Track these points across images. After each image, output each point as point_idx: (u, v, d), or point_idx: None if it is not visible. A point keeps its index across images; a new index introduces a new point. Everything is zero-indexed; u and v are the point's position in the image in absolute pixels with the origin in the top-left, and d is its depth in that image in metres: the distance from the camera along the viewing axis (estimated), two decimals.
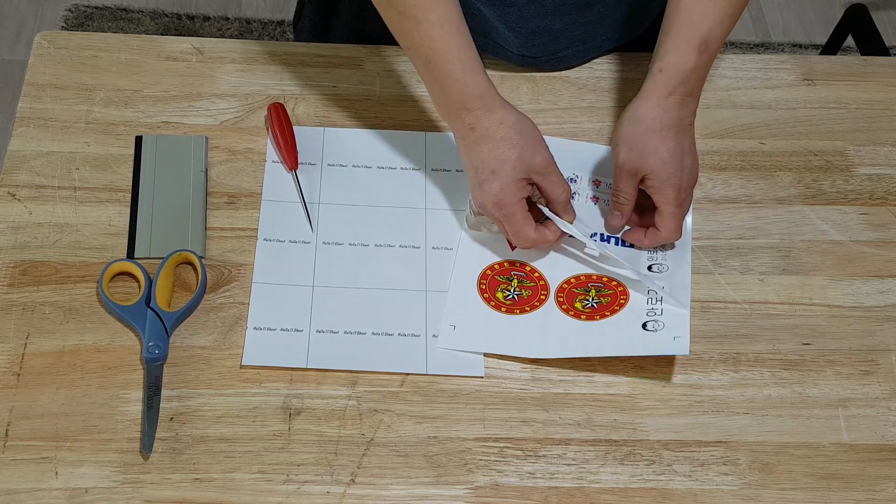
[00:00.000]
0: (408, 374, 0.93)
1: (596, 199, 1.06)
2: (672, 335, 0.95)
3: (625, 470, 0.90)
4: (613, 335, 0.95)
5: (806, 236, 1.06)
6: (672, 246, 1.02)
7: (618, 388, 0.94)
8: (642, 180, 0.99)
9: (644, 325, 0.96)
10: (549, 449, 0.90)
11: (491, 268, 1.00)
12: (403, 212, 1.04)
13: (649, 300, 0.98)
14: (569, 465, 0.90)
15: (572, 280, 0.99)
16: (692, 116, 0.99)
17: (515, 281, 0.99)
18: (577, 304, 0.98)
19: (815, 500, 0.89)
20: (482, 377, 0.94)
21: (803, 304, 1.01)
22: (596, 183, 1.07)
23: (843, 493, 0.90)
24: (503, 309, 0.97)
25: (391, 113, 1.11)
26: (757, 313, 1.00)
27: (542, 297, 0.98)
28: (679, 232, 1.00)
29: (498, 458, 0.89)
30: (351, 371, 0.93)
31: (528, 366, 0.95)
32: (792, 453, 0.92)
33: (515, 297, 0.98)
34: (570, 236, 0.99)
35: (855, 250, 1.05)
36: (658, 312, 0.97)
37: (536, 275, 1.00)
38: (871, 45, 1.76)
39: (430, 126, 1.11)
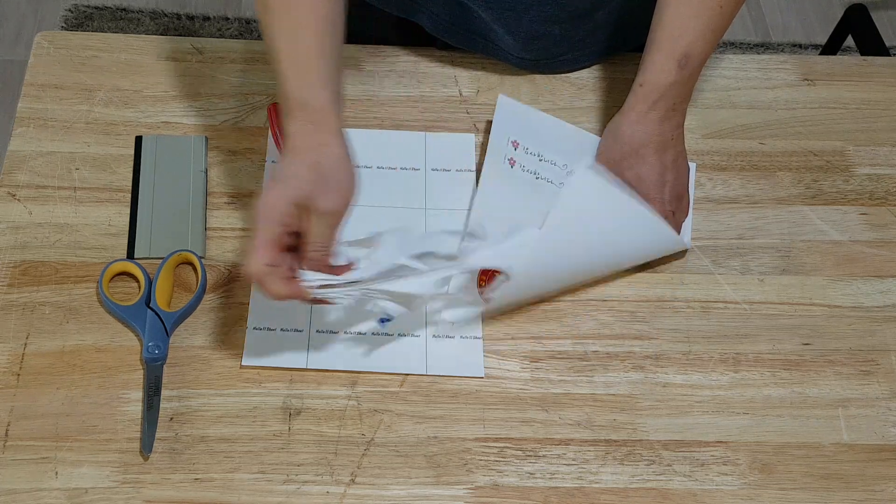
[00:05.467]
0: (408, 374, 0.93)
1: None
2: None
3: (625, 470, 0.90)
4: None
5: (806, 236, 1.06)
6: None
7: (618, 388, 0.94)
8: None
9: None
10: (549, 449, 0.90)
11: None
12: (403, 212, 1.04)
13: None
14: (569, 465, 0.90)
15: None
16: (676, 130, 0.99)
17: None
18: None
19: (815, 500, 0.89)
20: (482, 377, 0.94)
21: (803, 304, 1.01)
22: None
23: (843, 493, 0.90)
24: None
25: (391, 113, 1.12)
26: (757, 313, 1.00)
27: None
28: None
29: (498, 458, 0.90)
30: (351, 371, 0.93)
31: (528, 366, 0.95)
32: (792, 453, 0.92)
33: None
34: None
35: (855, 250, 1.05)
36: None
37: None
38: (871, 45, 1.76)
39: (430, 126, 1.11)
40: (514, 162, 1.06)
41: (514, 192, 1.04)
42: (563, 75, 1.16)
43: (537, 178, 1.06)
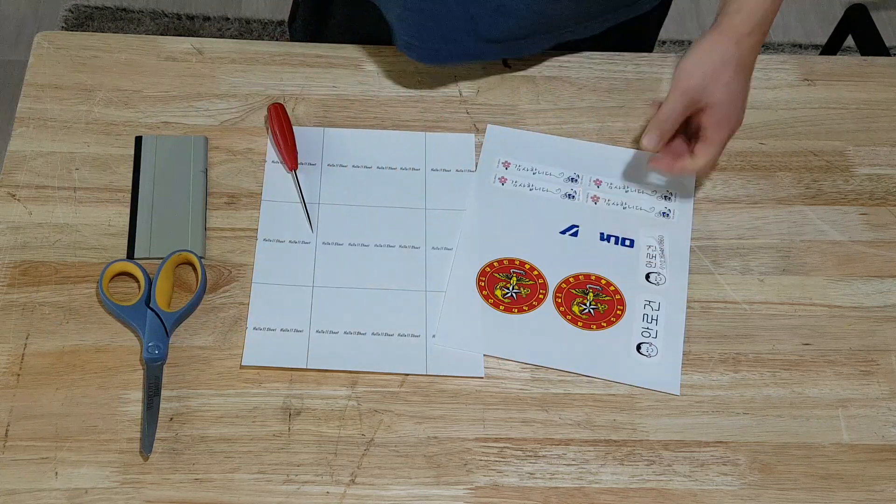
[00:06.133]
0: (408, 374, 0.93)
1: (596, 199, 1.06)
2: (664, 368, 0.95)
3: (625, 470, 0.90)
4: (608, 351, 0.96)
5: (806, 236, 1.06)
6: (665, 261, 1.02)
7: (618, 388, 0.94)
8: (699, 112, 1.02)
9: (639, 348, 0.96)
10: (549, 449, 0.90)
11: (490, 265, 1.00)
12: (403, 212, 1.04)
13: (645, 317, 0.98)
14: (569, 465, 0.90)
15: (570, 279, 1.00)
16: (755, 59, 1.03)
17: (514, 279, 0.99)
18: (575, 308, 0.98)
19: (815, 500, 0.89)
20: (482, 377, 0.94)
21: (803, 304, 1.01)
22: (597, 183, 1.07)
23: (843, 494, 0.90)
24: (501, 307, 0.97)
25: (391, 113, 1.11)
26: (757, 313, 1.00)
27: (540, 296, 0.98)
28: (711, 168, 1.05)
29: (498, 459, 0.90)
30: (351, 371, 0.93)
31: (528, 366, 0.95)
32: (792, 453, 0.92)
33: (514, 295, 0.98)
34: None
35: (855, 250, 1.05)
36: (653, 335, 0.97)
37: (535, 273, 1.00)
38: (871, 45, 1.77)
39: (430, 126, 1.11)
40: (506, 180, 1.07)
41: (505, 205, 1.05)
42: (563, 75, 1.16)
43: (531, 189, 1.07)
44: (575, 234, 1.03)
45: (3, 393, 0.89)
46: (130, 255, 0.98)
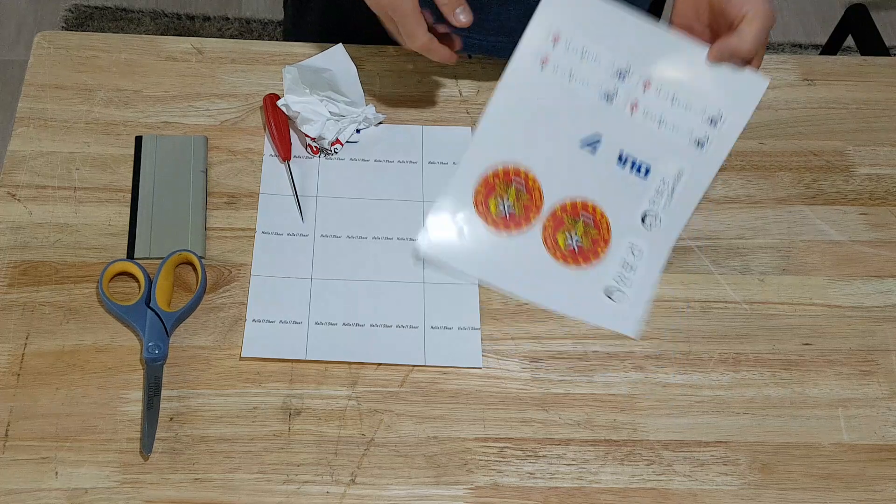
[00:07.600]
0: (409, 369, 0.94)
1: (635, 107, 0.94)
2: (628, 311, 0.94)
3: (625, 470, 0.90)
4: (577, 290, 0.94)
5: (806, 236, 1.06)
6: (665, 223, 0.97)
7: (618, 388, 0.94)
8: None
9: (609, 293, 0.95)
10: (549, 449, 0.90)
11: (495, 174, 0.95)
12: (401, 205, 1.05)
13: (625, 265, 0.95)
14: (569, 465, 0.90)
15: (567, 206, 0.95)
16: None
17: (513, 190, 0.95)
18: (560, 241, 0.95)
19: (815, 500, 0.89)
20: (481, 374, 0.94)
21: (803, 304, 1.01)
22: (646, 84, 0.93)
23: (843, 493, 0.90)
24: (490, 221, 0.95)
25: (391, 113, 1.11)
26: (757, 313, 1.00)
27: (531, 216, 0.95)
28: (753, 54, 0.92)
29: (498, 458, 0.90)
30: (350, 365, 0.93)
31: (528, 365, 0.95)
32: (792, 453, 0.92)
33: (507, 213, 0.96)
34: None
35: (855, 250, 1.05)
36: (626, 283, 0.95)
37: (536, 189, 0.95)
38: (871, 45, 1.77)
39: (427, 122, 1.11)
40: (548, 61, 0.93)
41: (535, 97, 0.93)
42: None
43: (571, 79, 0.93)
44: (593, 149, 0.95)
45: (3, 393, 0.89)
46: (130, 255, 0.98)
